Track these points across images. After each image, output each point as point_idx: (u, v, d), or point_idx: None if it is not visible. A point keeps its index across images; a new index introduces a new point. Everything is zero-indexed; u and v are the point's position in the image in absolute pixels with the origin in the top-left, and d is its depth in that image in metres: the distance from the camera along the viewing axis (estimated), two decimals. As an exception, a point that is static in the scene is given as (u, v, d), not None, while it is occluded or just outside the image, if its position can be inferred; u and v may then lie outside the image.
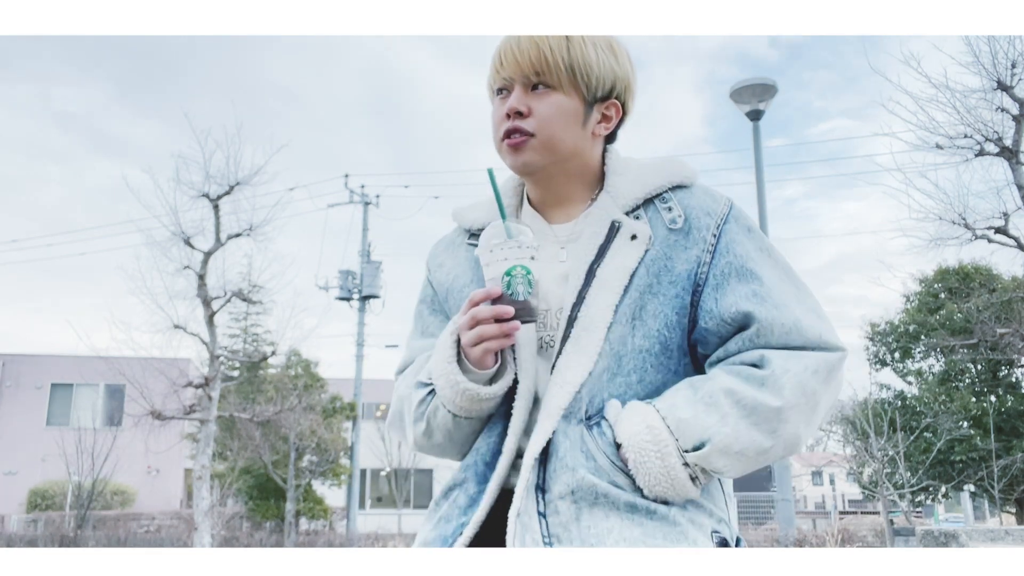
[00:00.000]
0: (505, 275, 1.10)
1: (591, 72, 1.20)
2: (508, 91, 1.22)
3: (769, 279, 1.17)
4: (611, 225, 1.20)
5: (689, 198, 1.21)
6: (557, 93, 1.19)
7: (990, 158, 8.14)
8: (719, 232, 1.18)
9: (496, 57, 1.23)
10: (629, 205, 1.21)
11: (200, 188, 10.96)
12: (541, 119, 1.19)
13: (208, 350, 10.97)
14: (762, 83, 9.71)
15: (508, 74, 1.20)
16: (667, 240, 1.18)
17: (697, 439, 1.08)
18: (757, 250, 1.19)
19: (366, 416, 25.54)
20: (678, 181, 1.23)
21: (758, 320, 1.13)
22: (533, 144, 1.20)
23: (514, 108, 1.19)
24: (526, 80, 1.19)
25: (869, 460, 13.25)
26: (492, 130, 1.25)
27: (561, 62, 1.18)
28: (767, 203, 10.05)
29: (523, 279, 1.10)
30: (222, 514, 15.67)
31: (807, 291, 1.21)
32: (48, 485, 21.36)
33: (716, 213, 1.20)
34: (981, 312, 11.92)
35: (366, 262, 22.40)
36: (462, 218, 1.37)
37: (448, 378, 1.15)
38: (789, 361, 1.11)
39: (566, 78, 1.19)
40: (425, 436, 1.24)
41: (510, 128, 1.20)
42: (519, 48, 1.19)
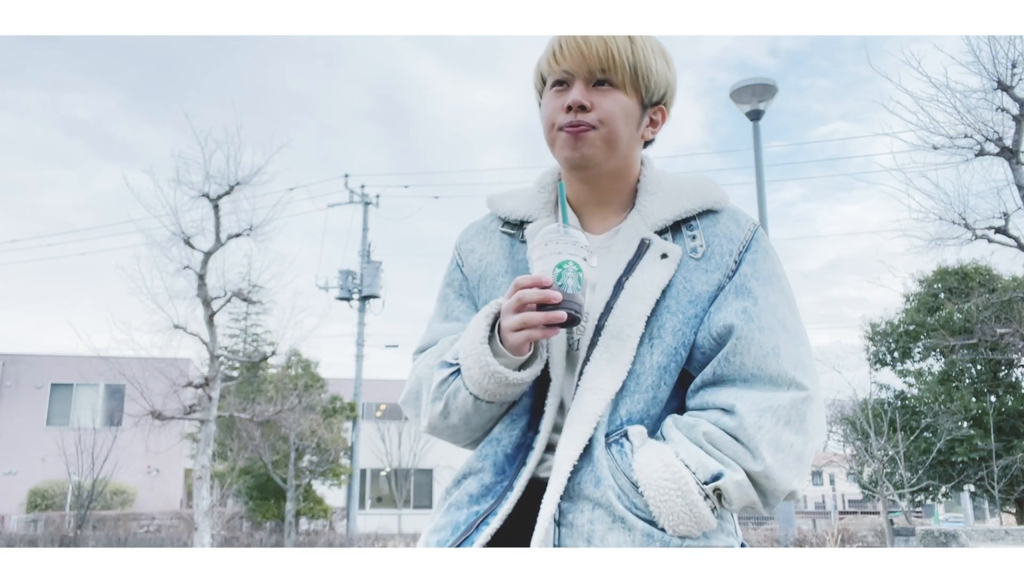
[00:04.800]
0: (557, 267, 1.08)
1: (651, 76, 1.20)
2: (567, 84, 1.20)
3: (765, 301, 1.17)
4: (641, 243, 1.20)
5: (715, 224, 1.22)
6: (619, 92, 1.19)
7: (990, 158, 8.15)
8: (740, 259, 1.20)
9: (556, 49, 1.20)
10: (658, 227, 1.21)
11: (200, 188, 10.97)
12: (605, 114, 1.18)
13: (208, 350, 10.97)
14: (762, 83, 9.71)
15: (570, 67, 1.18)
16: (687, 265, 1.19)
17: (713, 471, 1.07)
18: (766, 273, 1.20)
19: (366, 416, 25.55)
20: (708, 206, 1.23)
21: (738, 335, 1.13)
22: (594, 137, 1.19)
23: (578, 102, 1.17)
24: (590, 75, 1.18)
25: (869, 460, 13.25)
26: (543, 122, 1.24)
27: (627, 62, 1.17)
28: (767, 205, 10.06)
29: (574, 274, 1.08)
30: (222, 514, 15.67)
31: (800, 327, 1.20)
32: (48, 485, 21.36)
33: (739, 239, 1.21)
34: (981, 312, 11.92)
35: (366, 262, 22.41)
36: (498, 206, 1.35)
37: (478, 359, 1.12)
38: (763, 417, 1.10)
39: (629, 78, 1.18)
40: (441, 416, 1.21)
41: (573, 122, 1.18)
42: (585, 43, 1.17)
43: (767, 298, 1.17)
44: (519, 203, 1.32)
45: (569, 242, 1.10)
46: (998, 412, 14.22)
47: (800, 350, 1.16)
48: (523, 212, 1.30)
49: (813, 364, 1.17)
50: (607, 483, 1.08)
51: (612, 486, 1.08)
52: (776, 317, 1.16)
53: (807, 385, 1.13)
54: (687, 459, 1.08)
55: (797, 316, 1.21)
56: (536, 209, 1.29)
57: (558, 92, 1.21)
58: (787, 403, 1.11)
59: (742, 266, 1.19)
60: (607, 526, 1.07)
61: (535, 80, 1.27)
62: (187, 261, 10.81)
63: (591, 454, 1.10)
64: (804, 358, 1.16)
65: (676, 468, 1.07)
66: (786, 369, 1.12)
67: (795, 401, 1.11)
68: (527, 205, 1.30)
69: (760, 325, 1.14)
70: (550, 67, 1.21)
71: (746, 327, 1.13)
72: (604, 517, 1.07)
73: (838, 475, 40.49)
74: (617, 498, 1.08)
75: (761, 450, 1.07)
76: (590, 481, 1.09)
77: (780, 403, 1.10)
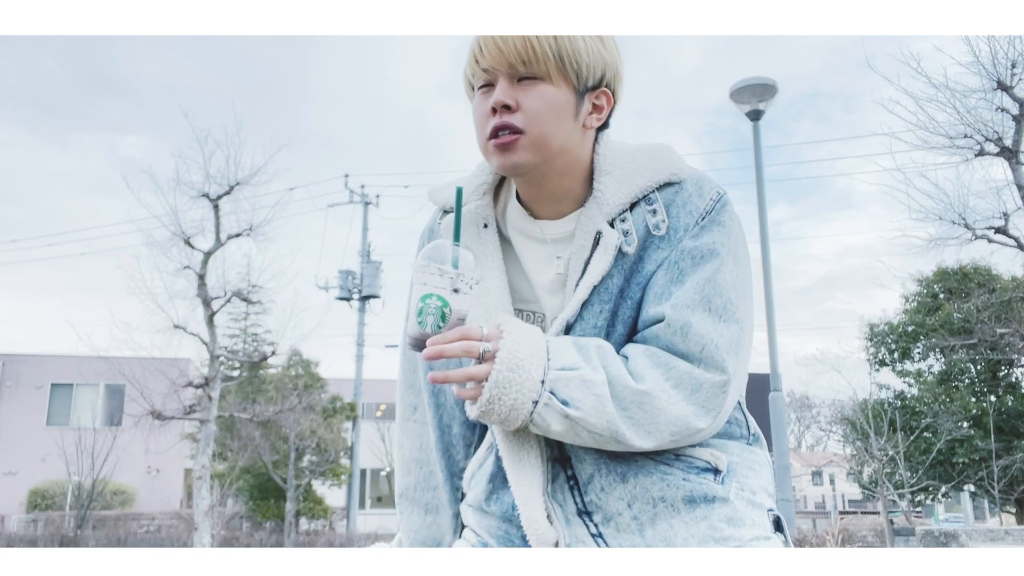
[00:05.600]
0: (420, 300, 1.03)
1: (580, 60, 1.11)
2: (491, 85, 1.13)
3: (694, 278, 1.10)
4: (595, 237, 1.14)
5: (676, 196, 1.14)
6: (545, 84, 1.10)
7: (990, 158, 8.14)
8: (696, 231, 1.12)
9: (475, 49, 1.12)
10: (615, 212, 1.14)
11: (200, 188, 10.96)
12: (531, 114, 1.10)
13: (208, 350, 10.96)
14: (762, 83, 9.71)
15: (490, 65, 1.11)
16: (647, 242, 1.13)
17: (569, 363, 1.04)
18: (709, 244, 1.11)
19: (366, 416, 25.53)
20: (664, 179, 1.14)
21: (659, 317, 1.09)
22: (523, 143, 1.10)
23: (500, 101, 1.09)
24: (512, 71, 1.10)
25: (869, 460, 13.24)
26: (476, 129, 1.16)
27: (549, 50, 1.09)
28: (767, 209, 10.04)
29: (436, 311, 1.02)
30: (222, 514, 15.66)
31: (728, 307, 1.10)
32: (48, 485, 21.34)
33: (698, 211, 1.13)
34: (981, 312, 11.92)
35: (366, 262, 22.39)
36: (437, 196, 1.29)
37: None
38: (655, 368, 1.06)
39: (554, 67, 1.09)
40: None
41: (498, 125, 1.10)
42: (502, 40, 1.09)
43: (698, 274, 1.10)
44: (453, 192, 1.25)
45: (434, 272, 1.03)
46: (998, 412, 14.21)
47: (721, 326, 1.08)
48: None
49: (738, 342, 1.09)
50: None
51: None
52: (700, 294, 1.08)
53: (723, 367, 1.07)
54: (552, 347, 1.06)
55: (726, 296, 1.10)
56: (469, 192, 1.23)
57: (484, 94, 1.14)
58: (685, 369, 1.06)
59: (684, 240, 1.11)
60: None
61: (465, 88, 1.19)
62: (187, 261, 10.80)
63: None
64: (724, 337, 1.08)
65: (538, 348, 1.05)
66: (692, 347, 1.07)
67: (694, 373, 1.06)
68: (464, 188, 1.24)
69: (678, 303, 1.08)
70: (472, 69, 1.14)
71: (668, 311, 1.08)
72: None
73: (838, 475, 40.49)
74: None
75: (643, 375, 1.05)
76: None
77: (679, 367, 1.06)
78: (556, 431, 1.04)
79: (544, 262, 1.20)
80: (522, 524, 1.08)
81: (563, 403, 1.02)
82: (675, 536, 1.03)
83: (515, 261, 1.22)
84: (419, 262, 1.05)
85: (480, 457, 1.23)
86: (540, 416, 1.02)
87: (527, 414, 1.02)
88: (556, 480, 1.12)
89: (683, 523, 1.05)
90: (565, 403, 1.02)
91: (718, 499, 1.07)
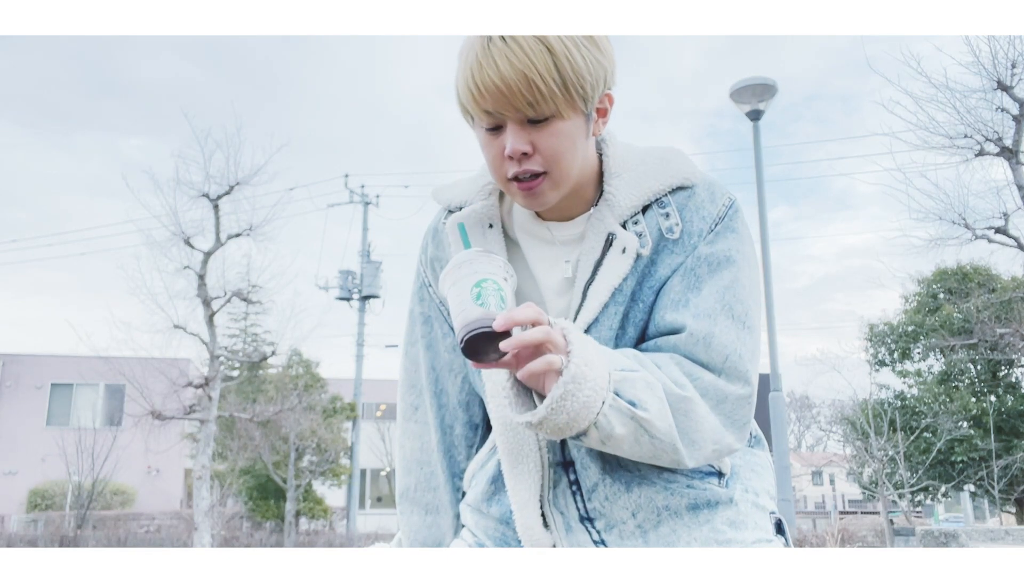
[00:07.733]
0: (475, 286, 0.99)
1: (584, 82, 1.05)
2: (499, 127, 1.07)
3: (712, 285, 1.10)
4: (606, 239, 1.13)
5: (688, 201, 1.13)
6: (556, 120, 1.05)
7: (990, 158, 8.15)
8: (704, 239, 1.12)
9: (471, 87, 1.04)
10: (627, 215, 1.13)
11: (200, 188, 10.96)
12: (548, 155, 1.06)
13: (208, 350, 10.96)
14: (762, 83, 9.71)
15: (494, 109, 1.04)
16: (660, 245, 1.12)
17: (627, 364, 1.01)
18: (725, 251, 1.11)
19: (366, 416, 25.53)
20: (678, 183, 1.14)
21: (679, 327, 1.08)
22: (547, 184, 1.08)
23: (517, 151, 1.05)
24: (520, 116, 1.04)
25: (869, 460, 13.24)
26: (488, 163, 1.12)
27: (554, 84, 1.02)
28: (767, 209, 10.05)
29: (495, 292, 0.98)
30: (222, 514, 15.66)
31: (749, 315, 1.10)
32: (48, 485, 21.34)
33: (711, 217, 1.13)
34: (980, 312, 11.92)
35: (366, 262, 22.39)
36: (442, 196, 1.27)
37: None
38: (690, 376, 1.05)
39: (562, 101, 1.04)
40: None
41: (518, 172, 1.07)
42: (503, 82, 1.01)
43: (715, 282, 1.09)
44: (461, 188, 1.24)
45: (485, 260, 1.01)
46: (998, 412, 14.22)
47: (742, 338, 1.08)
48: (462, 197, 1.22)
49: (754, 354, 1.09)
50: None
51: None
52: (721, 303, 1.08)
53: (747, 379, 1.07)
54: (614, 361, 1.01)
55: (748, 298, 1.11)
56: (475, 192, 1.21)
57: (493, 136, 1.08)
58: (710, 380, 1.05)
59: (699, 247, 1.11)
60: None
61: (460, 111, 1.13)
62: (187, 261, 10.82)
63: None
64: (746, 348, 1.08)
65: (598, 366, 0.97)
66: (715, 358, 1.06)
67: (717, 385, 1.05)
68: (468, 188, 1.22)
69: (699, 312, 1.07)
70: (475, 108, 1.06)
71: (689, 320, 1.07)
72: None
73: (838, 475, 40.48)
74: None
75: (682, 382, 1.03)
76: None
77: (704, 377, 1.05)
78: (618, 435, 0.98)
79: (552, 264, 1.18)
80: (517, 529, 1.07)
81: (631, 403, 0.97)
82: (677, 539, 1.03)
83: (521, 262, 1.20)
84: (465, 255, 1.02)
85: (482, 458, 1.22)
86: (605, 417, 0.96)
87: (594, 415, 0.95)
88: (557, 486, 1.11)
89: (686, 527, 1.05)
90: (632, 404, 0.97)
91: (722, 502, 1.07)
